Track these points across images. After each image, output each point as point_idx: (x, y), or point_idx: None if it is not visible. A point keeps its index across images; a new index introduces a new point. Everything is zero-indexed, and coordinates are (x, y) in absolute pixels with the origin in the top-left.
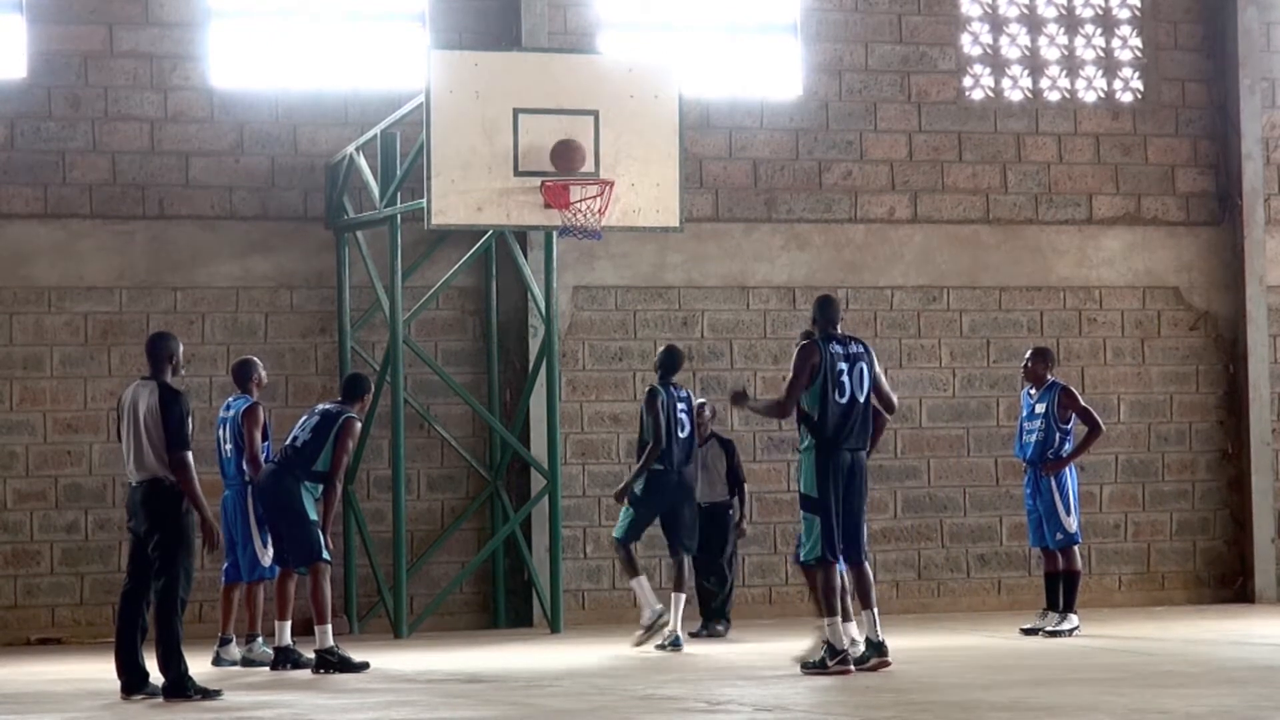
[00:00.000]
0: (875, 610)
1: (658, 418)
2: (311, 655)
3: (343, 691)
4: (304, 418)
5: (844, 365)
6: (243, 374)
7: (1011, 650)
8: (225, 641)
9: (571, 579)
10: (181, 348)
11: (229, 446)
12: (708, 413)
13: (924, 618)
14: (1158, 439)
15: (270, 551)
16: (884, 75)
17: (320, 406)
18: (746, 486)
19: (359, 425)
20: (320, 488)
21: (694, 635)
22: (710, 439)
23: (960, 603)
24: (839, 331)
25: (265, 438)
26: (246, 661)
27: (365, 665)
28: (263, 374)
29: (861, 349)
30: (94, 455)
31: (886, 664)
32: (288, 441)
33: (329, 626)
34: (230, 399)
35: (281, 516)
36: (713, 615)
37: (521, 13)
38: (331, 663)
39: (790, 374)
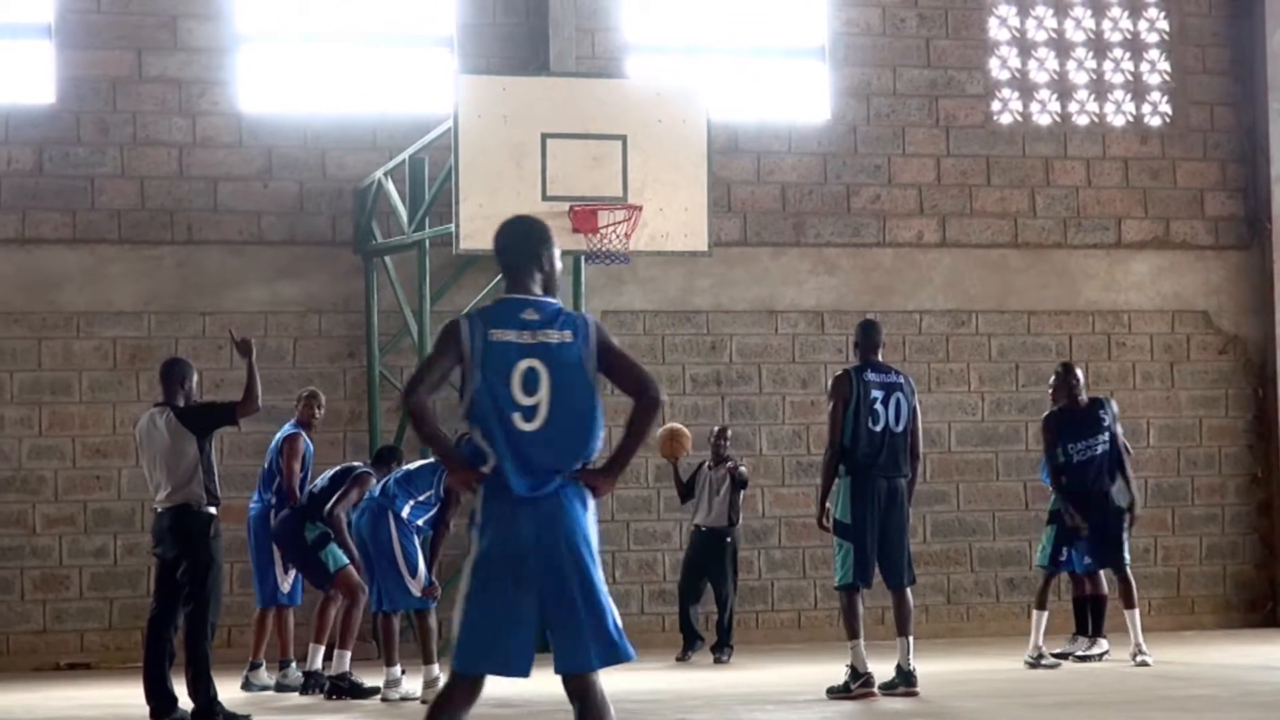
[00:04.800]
0: (911, 638)
1: None
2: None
3: (369, 717)
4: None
5: (879, 393)
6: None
7: (1041, 675)
8: (255, 666)
9: None
10: (196, 374)
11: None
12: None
13: (953, 642)
14: (1187, 463)
15: (290, 577)
16: (912, 99)
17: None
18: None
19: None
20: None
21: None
22: (724, 461)
23: (989, 627)
24: (879, 358)
25: (304, 468)
26: (280, 687)
27: (375, 690)
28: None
29: (900, 380)
30: (123, 480)
31: (914, 694)
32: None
33: (348, 653)
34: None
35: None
36: (718, 644)
37: (549, 37)
38: (343, 689)
39: (829, 408)
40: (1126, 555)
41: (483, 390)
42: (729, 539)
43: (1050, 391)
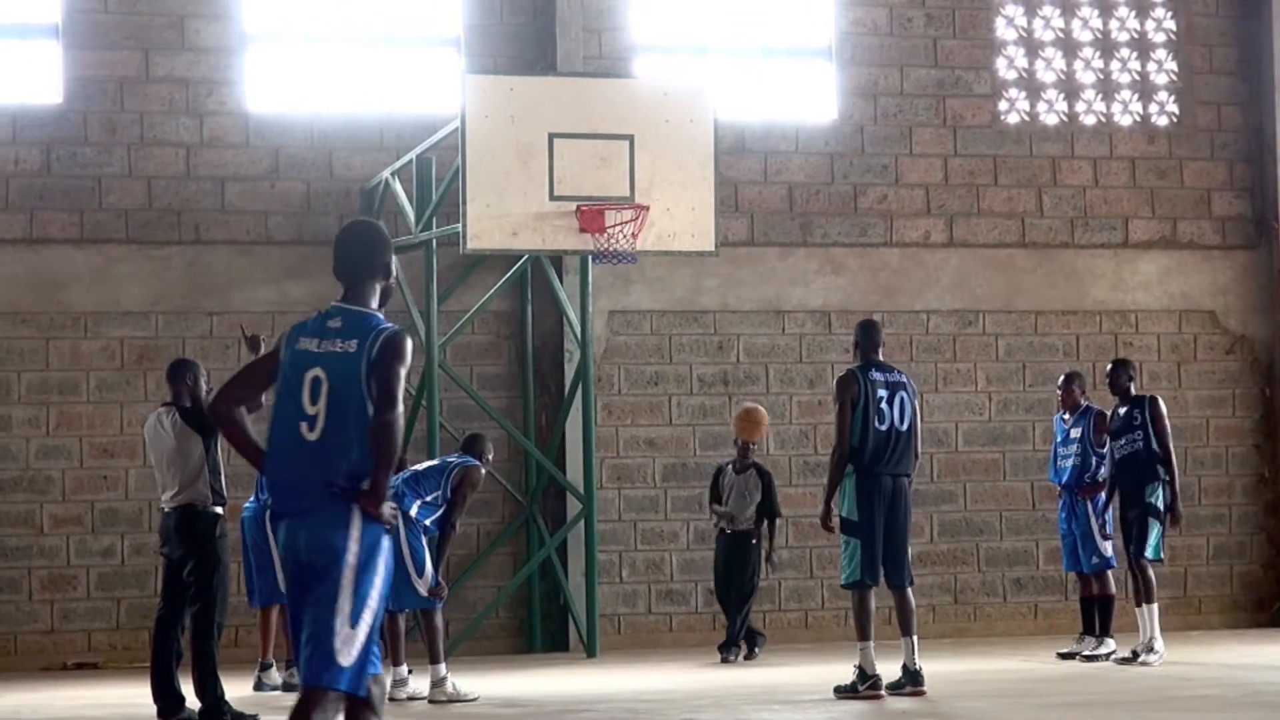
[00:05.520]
0: (914, 638)
1: None
2: None
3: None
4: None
5: (884, 393)
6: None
7: (1048, 675)
8: (265, 666)
9: (607, 603)
10: (204, 374)
11: None
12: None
13: (960, 642)
14: (1194, 463)
15: None
16: (919, 99)
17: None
18: (778, 521)
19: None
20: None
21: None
22: (750, 467)
23: (996, 627)
24: (880, 357)
25: None
26: (288, 686)
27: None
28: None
29: (903, 379)
30: (130, 480)
31: (920, 693)
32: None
33: None
34: None
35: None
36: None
37: (556, 37)
38: None
39: (836, 409)
40: (1148, 552)
41: (280, 397)
42: (755, 540)
43: (1059, 394)
